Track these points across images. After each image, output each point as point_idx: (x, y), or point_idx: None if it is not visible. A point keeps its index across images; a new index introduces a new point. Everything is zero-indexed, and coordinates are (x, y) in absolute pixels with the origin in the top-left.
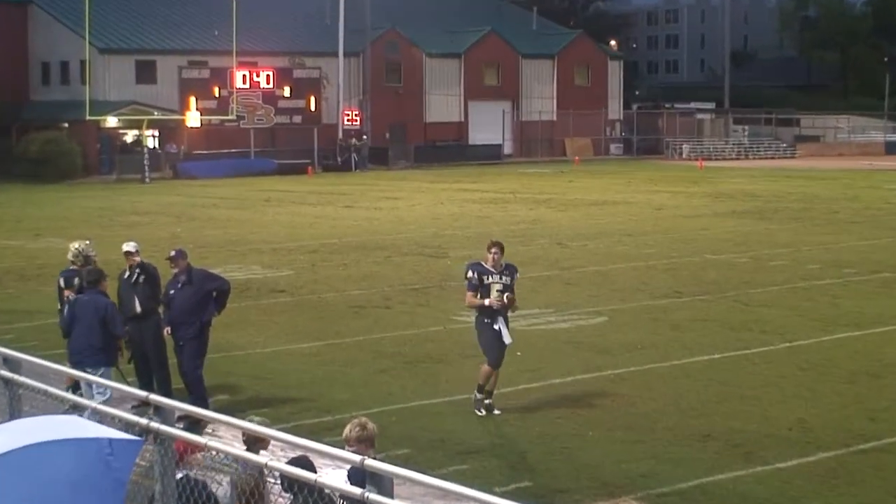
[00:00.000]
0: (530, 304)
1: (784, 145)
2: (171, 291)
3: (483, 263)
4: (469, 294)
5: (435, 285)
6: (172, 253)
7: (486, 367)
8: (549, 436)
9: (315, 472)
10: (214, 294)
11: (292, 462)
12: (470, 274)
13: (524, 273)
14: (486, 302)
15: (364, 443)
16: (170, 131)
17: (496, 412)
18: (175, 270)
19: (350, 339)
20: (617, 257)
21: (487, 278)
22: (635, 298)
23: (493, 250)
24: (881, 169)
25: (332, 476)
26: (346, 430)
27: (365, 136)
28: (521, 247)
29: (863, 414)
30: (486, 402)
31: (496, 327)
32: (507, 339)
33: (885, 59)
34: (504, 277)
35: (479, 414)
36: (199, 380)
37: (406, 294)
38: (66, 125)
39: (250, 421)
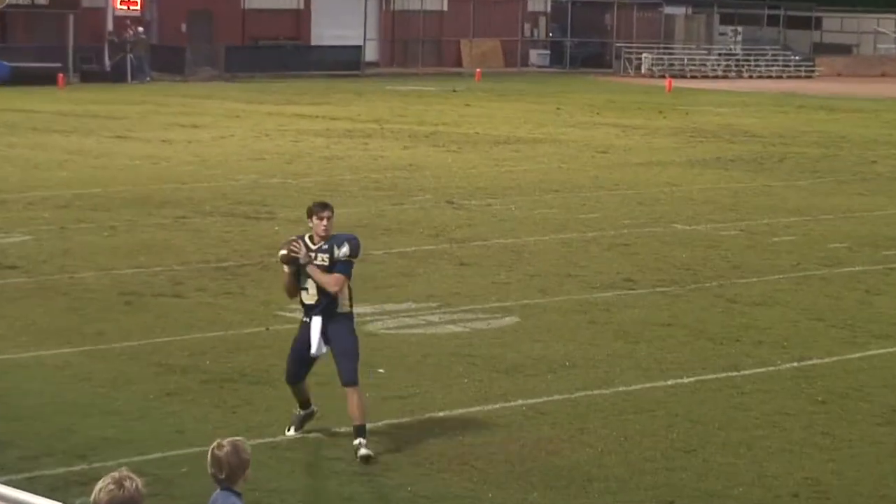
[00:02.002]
0: (401, 294)
1: (796, 59)
2: None
3: (307, 238)
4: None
5: (253, 262)
6: None
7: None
8: (426, 500)
9: None
10: None
11: None
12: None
13: (393, 245)
14: (281, 255)
15: None
16: None
17: (362, 453)
18: None
19: (119, 345)
20: (537, 225)
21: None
22: (563, 289)
23: (324, 214)
24: None
25: None
26: (95, 491)
27: (143, 30)
28: (388, 205)
29: None
30: (357, 442)
31: (313, 329)
32: (314, 347)
33: None
34: (323, 256)
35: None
36: None
37: (208, 276)
38: None
39: None
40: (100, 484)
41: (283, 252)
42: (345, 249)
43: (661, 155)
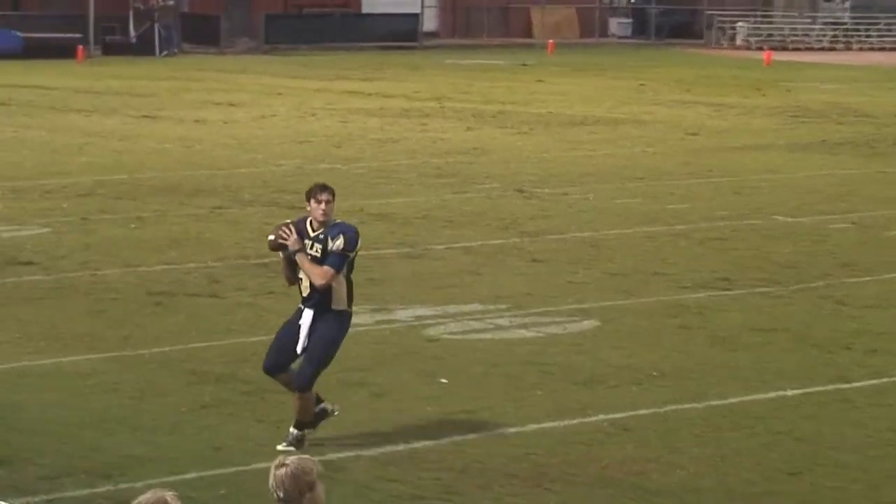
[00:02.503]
0: (466, 295)
1: None
2: None
3: (308, 223)
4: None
5: None
6: None
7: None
8: None
9: None
10: None
11: None
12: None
13: (456, 239)
14: (269, 241)
15: None
16: None
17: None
18: None
19: (148, 351)
20: (619, 217)
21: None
22: (649, 289)
23: (323, 197)
24: None
25: None
26: None
27: None
28: (450, 194)
29: None
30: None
31: (301, 322)
32: (300, 344)
33: None
34: (318, 246)
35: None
36: None
37: (248, 273)
38: None
39: None
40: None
41: (272, 237)
42: (339, 242)
43: (759, 137)
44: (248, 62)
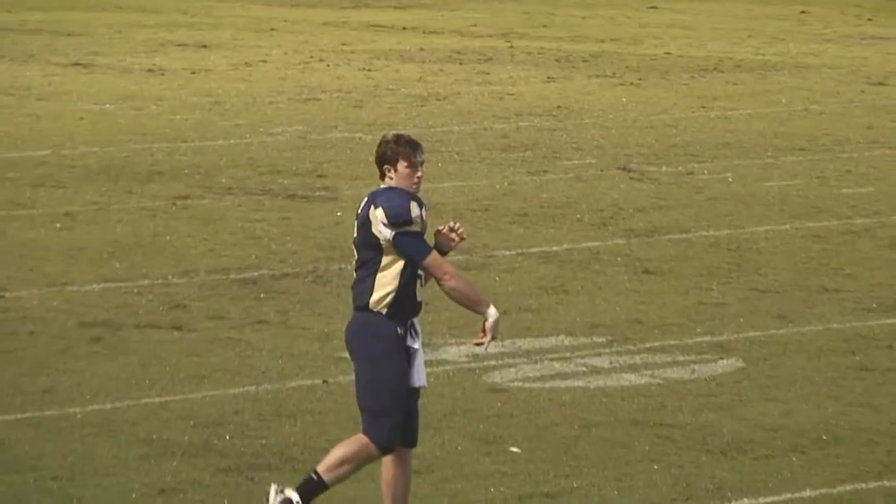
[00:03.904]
0: (546, 323)
1: None
2: None
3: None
4: (435, 259)
5: (302, 271)
6: None
7: (388, 462)
8: None
9: None
10: None
11: None
12: (418, 210)
13: (531, 241)
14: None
15: None
16: None
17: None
18: None
19: (80, 410)
20: (770, 207)
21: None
22: (816, 313)
23: (420, 157)
24: None
25: None
26: None
27: None
28: (523, 175)
29: None
30: None
31: (414, 347)
32: (419, 378)
33: None
34: None
35: None
36: None
37: (227, 294)
38: None
39: None
40: None
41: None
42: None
43: None
44: None
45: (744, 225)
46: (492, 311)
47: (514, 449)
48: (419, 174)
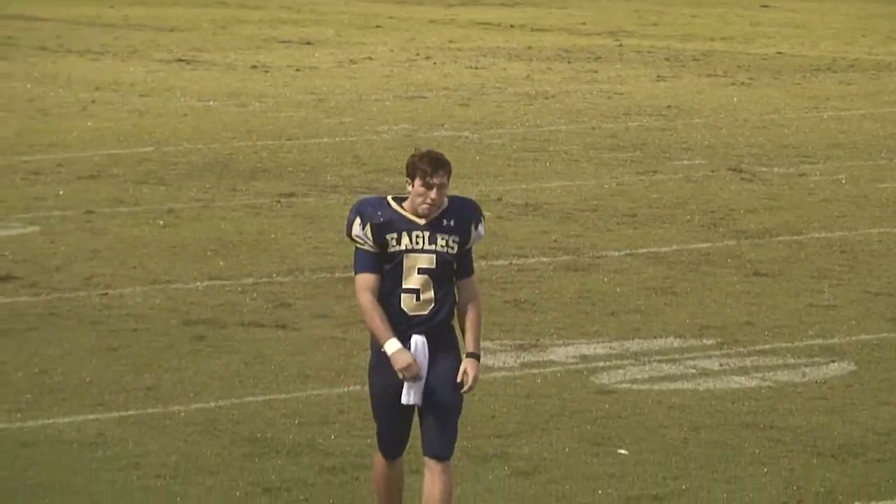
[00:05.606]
0: (655, 325)
1: None
2: None
3: (392, 203)
4: (361, 280)
5: None
6: None
7: (377, 460)
8: None
9: None
10: None
11: None
12: (358, 229)
13: (640, 242)
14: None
15: None
16: None
17: None
18: None
19: (184, 408)
20: (885, 208)
21: (400, 240)
22: None
23: (435, 179)
24: None
25: None
26: None
27: None
28: (632, 176)
29: None
30: None
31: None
32: (408, 396)
33: None
34: (444, 238)
35: None
36: None
37: (332, 293)
38: None
39: None
40: None
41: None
42: (482, 226)
43: None
44: None
45: (856, 227)
46: (388, 346)
47: (622, 451)
48: (432, 195)
